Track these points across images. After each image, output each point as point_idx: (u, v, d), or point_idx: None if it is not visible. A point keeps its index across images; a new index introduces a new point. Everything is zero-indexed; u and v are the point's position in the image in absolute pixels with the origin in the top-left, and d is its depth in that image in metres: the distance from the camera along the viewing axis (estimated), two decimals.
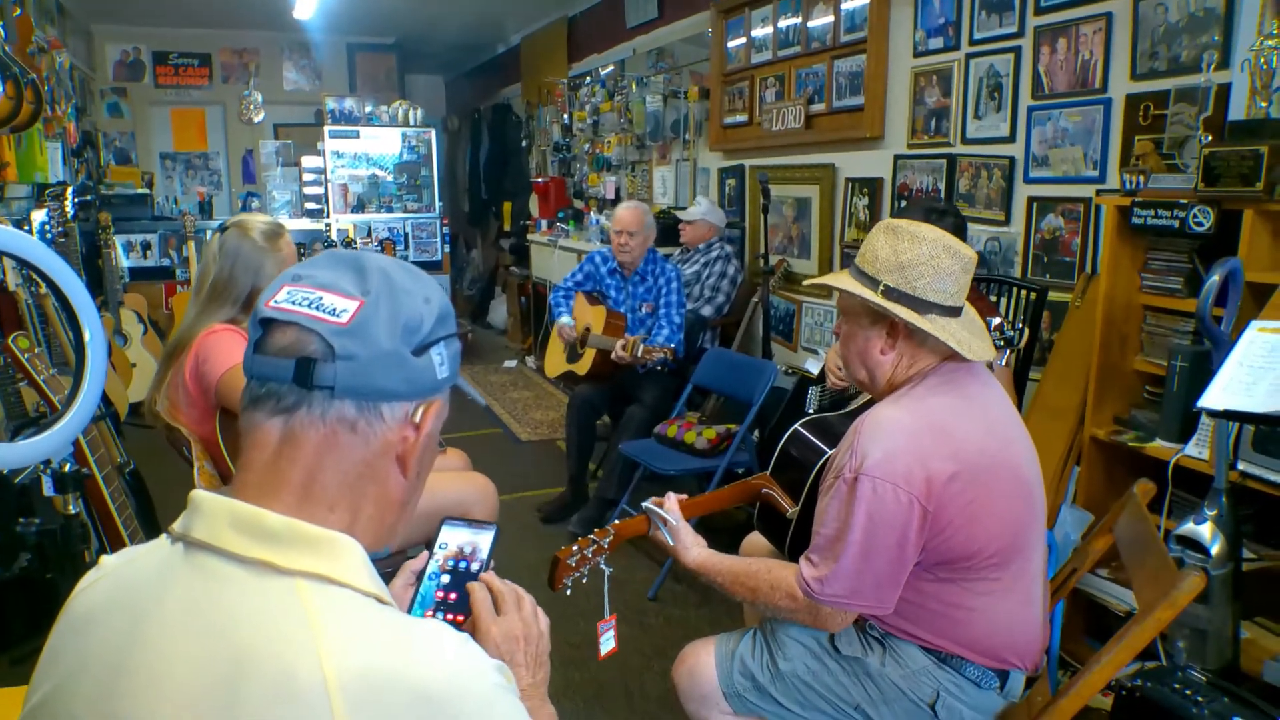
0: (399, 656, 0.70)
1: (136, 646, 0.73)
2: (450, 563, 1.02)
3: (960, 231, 2.56)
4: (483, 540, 1.04)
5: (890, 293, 1.46)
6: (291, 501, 0.77)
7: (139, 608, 0.75)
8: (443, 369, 0.83)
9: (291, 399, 0.77)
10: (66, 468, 1.89)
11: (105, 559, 0.83)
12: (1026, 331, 2.81)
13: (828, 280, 1.57)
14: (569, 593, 1.59)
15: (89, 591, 0.81)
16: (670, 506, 1.70)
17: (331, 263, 0.81)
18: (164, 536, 0.80)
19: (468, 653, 0.75)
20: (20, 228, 3.96)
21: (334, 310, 0.77)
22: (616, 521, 1.72)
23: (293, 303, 0.77)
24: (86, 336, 1.75)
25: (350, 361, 0.76)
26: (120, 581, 0.80)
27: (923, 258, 1.44)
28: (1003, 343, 2.09)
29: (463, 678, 0.72)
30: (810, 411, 3.10)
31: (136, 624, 0.74)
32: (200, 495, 0.77)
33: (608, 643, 1.60)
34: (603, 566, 1.60)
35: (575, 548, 1.58)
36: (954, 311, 1.48)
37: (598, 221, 6.11)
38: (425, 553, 1.05)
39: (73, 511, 1.94)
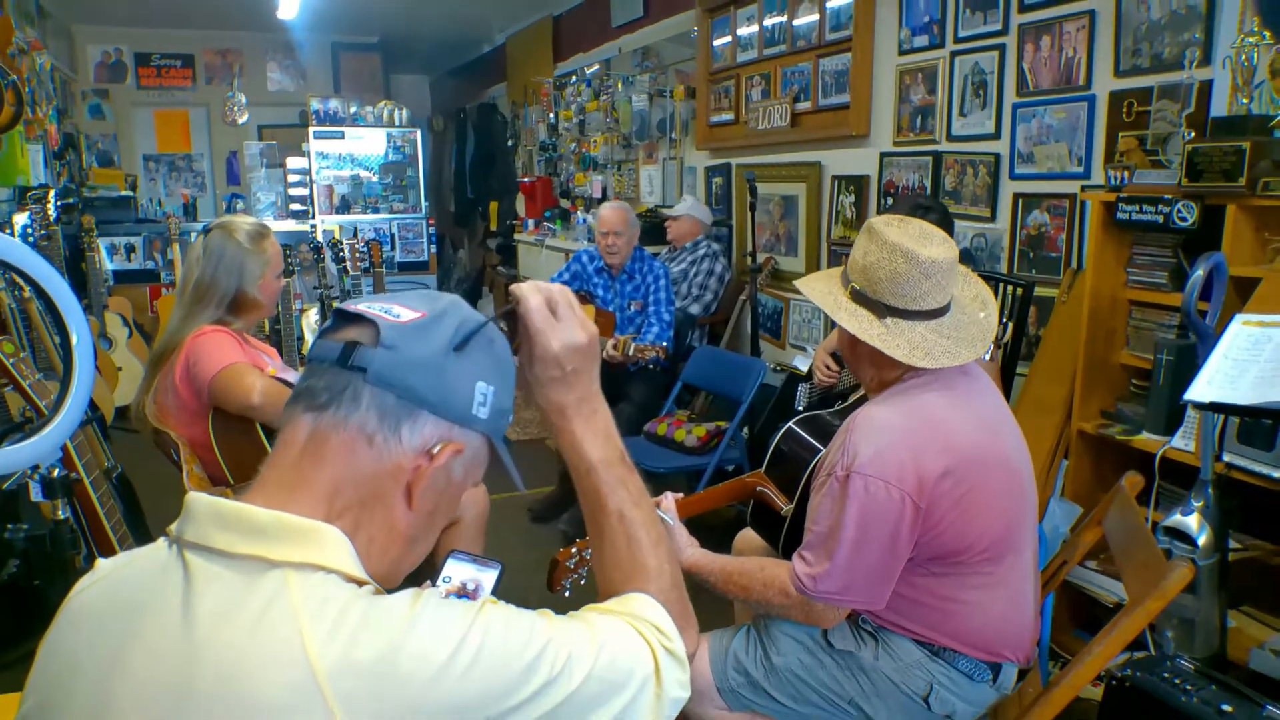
0: (388, 640, 0.70)
1: (130, 650, 0.73)
2: (451, 598, 1.02)
3: (946, 226, 2.58)
4: (486, 578, 1.04)
5: (857, 294, 1.49)
6: (309, 502, 0.78)
7: (134, 611, 0.75)
8: (481, 409, 0.83)
9: (324, 398, 0.79)
10: (55, 473, 1.87)
11: (101, 562, 0.83)
12: (1011, 327, 2.83)
13: (801, 285, 1.62)
14: (568, 594, 1.59)
15: (84, 595, 0.81)
16: (668, 506, 1.70)
17: (415, 293, 0.88)
18: (161, 540, 0.80)
19: (448, 620, 0.74)
20: (2, 231, 3.92)
21: (398, 315, 0.82)
22: None
23: (368, 305, 0.82)
24: (74, 340, 1.74)
25: (391, 352, 0.79)
26: (116, 585, 0.80)
27: (881, 262, 1.45)
28: None
29: (453, 650, 0.72)
30: (800, 408, 3.12)
31: (131, 627, 0.74)
32: (190, 497, 0.78)
33: None
34: None
35: (574, 549, 1.58)
36: (924, 315, 1.46)
37: (585, 221, 6.10)
38: (427, 583, 1.05)
39: (61, 517, 1.92)
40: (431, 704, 0.70)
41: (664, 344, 3.62)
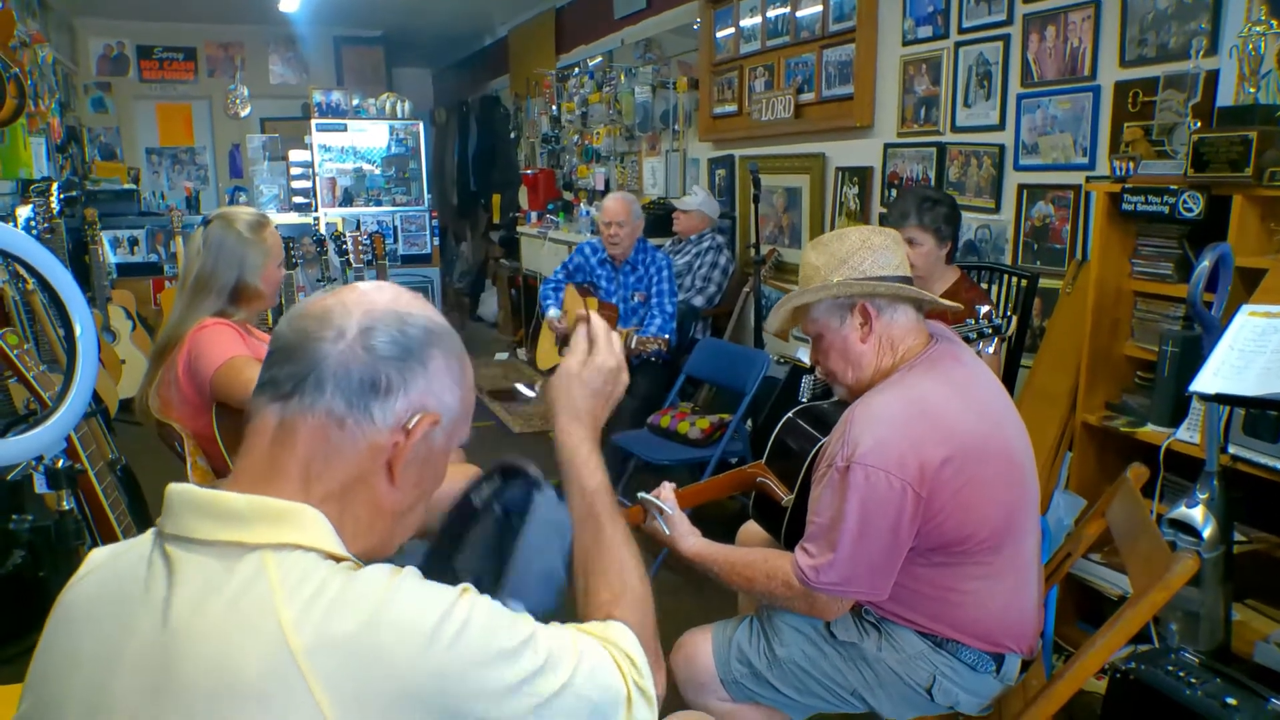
0: (367, 612, 0.70)
1: (123, 644, 0.73)
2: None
3: (954, 219, 2.57)
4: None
5: (844, 285, 1.52)
6: (286, 487, 0.78)
7: (123, 605, 0.76)
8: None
9: (288, 387, 0.78)
10: (59, 464, 1.87)
11: (94, 553, 0.84)
12: (1015, 319, 2.82)
13: (785, 306, 1.60)
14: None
15: (79, 586, 0.81)
16: (666, 496, 1.70)
17: None
18: (149, 532, 0.81)
19: (430, 595, 0.74)
20: (5, 223, 3.92)
21: None
22: None
23: None
24: (77, 331, 1.74)
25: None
26: (107, 579, 0.80)
27: (856, 245, 1.53)
28: (990, 330, 2.10)
29: (439, 619, 0.71)
30: (804, 400, 3.11)
31: (122, 621, 0.75)
32: (169, 489, 0.78)
33: None
34: None
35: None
36: (905, 281, 1.55)
37: (588, 213, 6.09)
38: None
39: (66, 508, 1.92)
40: (419, 675, 0.69)
41: (666, 336, 3.62)
